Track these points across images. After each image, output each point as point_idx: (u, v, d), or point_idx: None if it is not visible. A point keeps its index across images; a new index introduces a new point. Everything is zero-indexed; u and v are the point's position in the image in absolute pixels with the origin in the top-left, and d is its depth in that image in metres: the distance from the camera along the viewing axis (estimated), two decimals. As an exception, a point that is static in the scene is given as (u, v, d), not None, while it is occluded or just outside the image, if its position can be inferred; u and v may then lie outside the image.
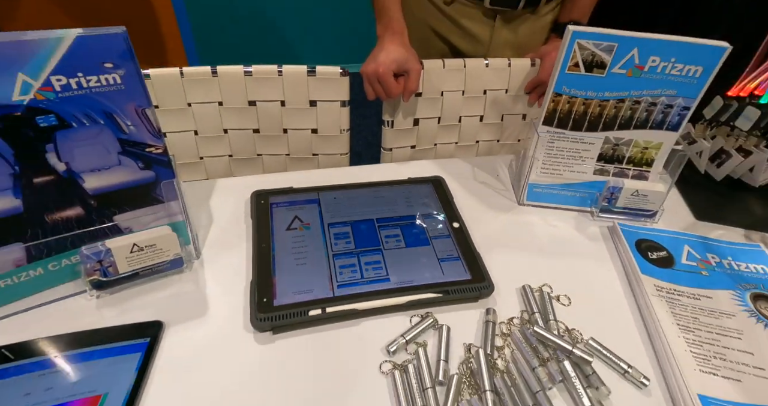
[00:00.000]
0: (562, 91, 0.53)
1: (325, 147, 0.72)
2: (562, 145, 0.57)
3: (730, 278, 0.47)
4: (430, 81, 0.70)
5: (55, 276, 0.42)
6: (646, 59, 0.50)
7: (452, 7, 0.76)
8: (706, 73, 0.50)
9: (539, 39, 0.79)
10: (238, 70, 0.61)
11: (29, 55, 0.31)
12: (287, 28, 2.09)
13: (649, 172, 0.57)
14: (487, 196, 0.60)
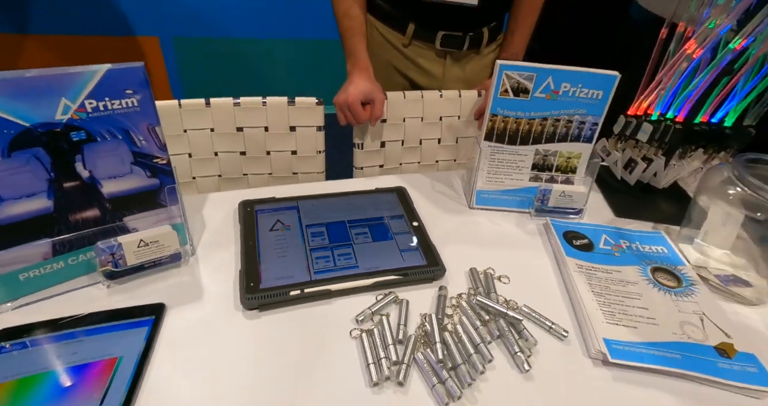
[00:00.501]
0: (497, 112, 0.65)
1: (304, 167, 0.82)
2: (501, 157, 0.69)
3: (637, 257, 0.58)
4: (393, 109, 0.82)
5: (73, 269, 0.49)
6: (560, 85, 0.63)
7: (410, 49, 0.90)
8: (606, 96, 0.64)
9: (484, 74, 0.94)
10: (228, 101, 0.72)
11: (71, 83, 0.40)
12: (266, 66, 2.25)
13: (574, 177, 0.69)
14: (443, 202, 0.70)
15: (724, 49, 0.64)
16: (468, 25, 0.86)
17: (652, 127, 0.68)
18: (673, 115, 0.69)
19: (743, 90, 0.66)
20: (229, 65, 2.16)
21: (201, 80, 2.16)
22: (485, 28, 0.87)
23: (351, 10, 0.81)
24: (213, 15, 1.99)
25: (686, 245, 0.59)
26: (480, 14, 0.84)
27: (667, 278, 0.54)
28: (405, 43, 0.89)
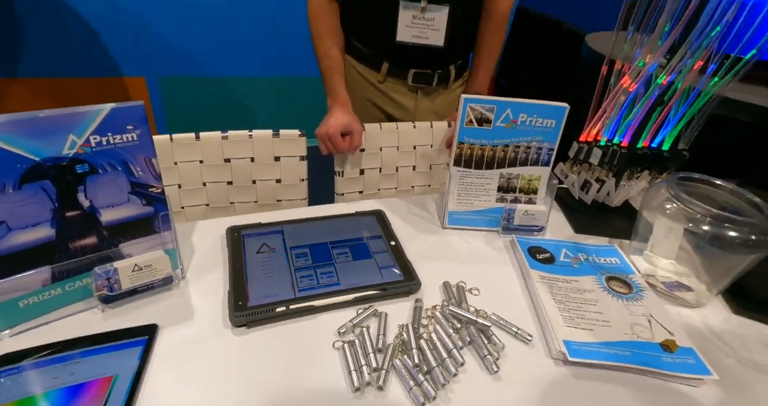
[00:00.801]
0: (464, 141, 0.73)
1: (288, 194, 0.87)
2: (470, 181, 0.75)
3: (593, 268, 0.64)
4: (371, 140, 0.89)
5: (70, 295, 0.51)
6: (517, 116, 0.71)
7: (384, 85, 0.99)
8: (558, 124, 0.72)
9: (452, 107, 1.02)
10: (217, 135, 0.78)
11: (79, 121, 0.45)
12: (250, 103, 2.33)
13: (536, 198, 0.76)
14: (419, 223, 0.76)
15: (654, 83, 0.73)
16: (436, 63, 0.95)
17: (601, 151, 0.76)
18: (619, 141, 0.78)
19: (675, 118, 0.75)
20: (214, 102, 2.24)
21: (186, 118, 2.22)
22: (452, 66, 0.97)
23: (330, 51, 0.90)
24: (198, 55, 2.08)
25: (636, 256, 0.66)
26: (446, 54, 0.93)
27: (620, 285, 0.60)
28: (380, 80, 0.97)
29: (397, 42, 0.89)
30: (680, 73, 0.72)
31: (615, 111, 0.77)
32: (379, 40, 0.92)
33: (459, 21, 0.89)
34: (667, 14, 0.69)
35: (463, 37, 0.95)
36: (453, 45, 0.91)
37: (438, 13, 0.87)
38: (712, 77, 0.72)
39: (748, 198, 0.57)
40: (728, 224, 0.53)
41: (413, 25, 0.88)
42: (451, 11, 0.87)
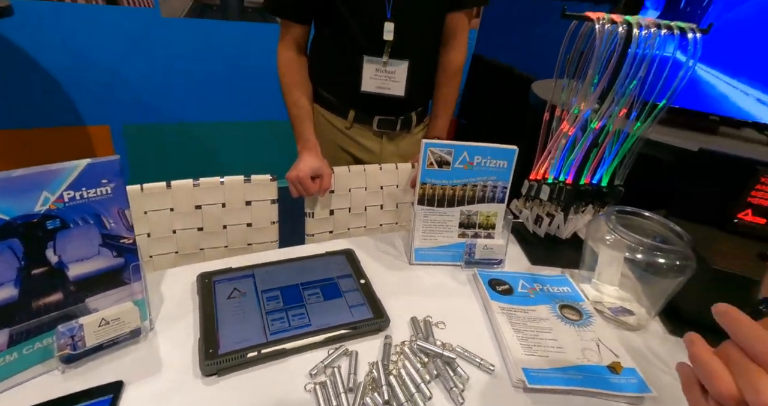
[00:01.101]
0: (426, 181, 0.78)
1: (258, 237, 0.89)
2: (433, 218, 0.80)
3: (548, 297, 0.69)
4: (340, 182, 0.94)
5: (27, 359, 0.49)
6: (473, 157, 0.78)
7: (351, 130, 1.05)
8: (510, 165, 0.79)
9: (415, 149, 1.10)
10: (188, 183, 0.80)
11: (53, 178, 0.47)
12: (217, 148, 2.33)
13: (494, 233, 0.82)
14: (387, 260, 0.79)
15: (589, 127, 0.83)
16: (398, 110, 1.03)
17: (549, 188, 0.84)
18: (564, 178, 0.86)
19: (609, 157, 0.85)
20: (180, 149, 2.23)
21: (151, 165, 2.19)
22: (413, 112, 1.05)
23: (299, 101, 0.96)
24: (163, 102, 2.09)
25: (585, 284, 0.72)
26: (407, 102, 1.02)
27: (572, 312, 0.65)
28: (347, 126, 1.04)
29: (362, 92, 0.97)
30: (610, 118, 0.83)
31: (558, 152, 0.86)
32: (346, 90, 0.99)
33: (417, 74, 0.98)
34: (594, 68, 0.80)
35: (422, 88, 1.04)
36: (413, 94, 1.00)
37: (398, 67, 0.96)
38: (635, 121, 0.82)
39: (672, 228, 0.65)
40: (658, 252, 0.60)
41: (376, 77, 0.97)
42: (410, 65, 0.96)
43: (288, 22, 0.94)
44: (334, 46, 0.96)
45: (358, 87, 0.96)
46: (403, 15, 0.90)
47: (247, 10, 1.99)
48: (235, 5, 1.97)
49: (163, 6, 1.87)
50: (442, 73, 1.03)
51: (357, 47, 0.94)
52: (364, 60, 0.94)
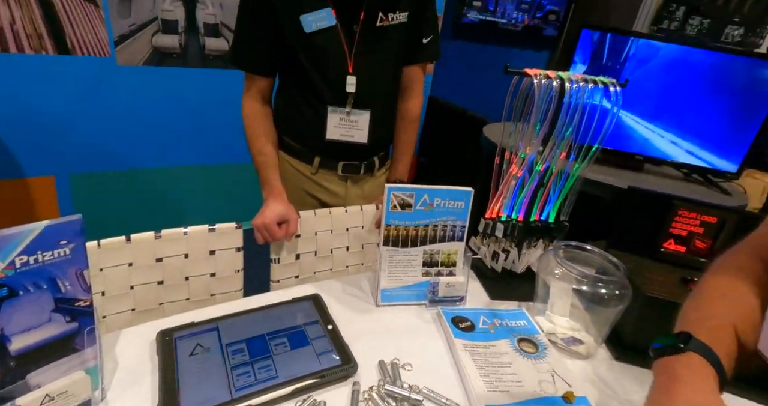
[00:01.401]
0: (390, 223, 0.82)
1: (222, 287, 0.88)
2: (398, 258, 0.83)
3: (507, 331, 0.72)
4: (306, 225, 0.95)
5: None
6: (433, 199, 0.83)
7: (317, 175, 1.08)
8: (466, 205, 0.84)
9: (379, 191, 1.14)
10: (149, 235, 0.79)
11: (5, 244, 0.45)
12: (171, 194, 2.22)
13: (456, 270, 0.85)
14: (354, 303, 0.80)
15: (535, 169, 0.91)
16: (362, 156, 1.09)
17: (503, 226, 0.90)
18: (516, 216, 0.93)
19: (554, 196, 0.93)
20: (132, 197, 2.11)
21: (101, 216, 2.05)
22: (376, 157, 1.11)
23: (264, 148, 0.99)
24: (115, 148, 1.98)
25: (540, 316, 0.76)
26: (370, 148, 1.07)
27: (528, 345, 0.69)
28: (312, 172, 1.07)
29: (327, 140, 1.01)
30: (552, 160, 0.91)
31: (509, 192, 0.93)
32: (311, 138, 1.03)
33: (379, 121, 1.04)
34: (535, 116, 0.89)
35: (383, 134, 1.10)
36: (375, 141, 1.06)
37: (361, 116, 1.02)
38: (574, 163, 0.91)
39: (610, 259, 0.72)
40: (600, 283, 0.66)
41: (340, 125, 1.02)
42: (371, 114, 1.02)
43: (253, 75, 0.98)
44: (299, 97, 1.01)
45: (323, 135, 1.01)
46: (364, 69, 0.97)
47: (209, 57, 2.04)
48: (196, 53, 2.01)
49: (120, 55, 1.87)
50: (401, 120, 1.10)
51: (321, 99, 0.99)
52: (329, 110, 0.99)
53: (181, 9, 1.89)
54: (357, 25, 0.94)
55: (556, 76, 0.85)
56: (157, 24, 1.87)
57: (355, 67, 0.97)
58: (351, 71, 0.97)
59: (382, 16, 0.95)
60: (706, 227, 0.77)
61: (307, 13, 0.90)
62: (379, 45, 0.97)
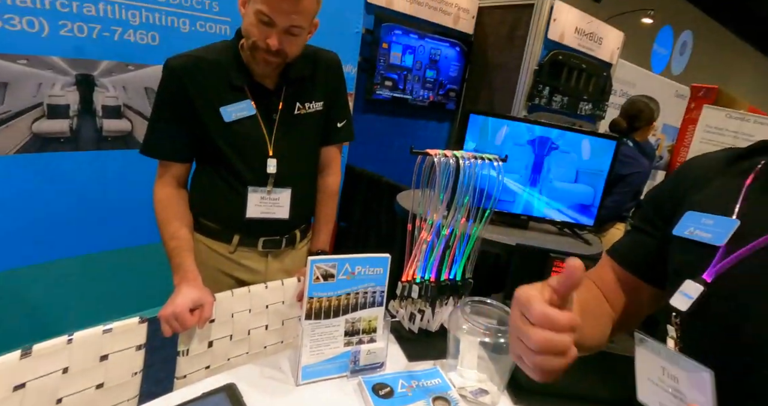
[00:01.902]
0: (313, 295, 0.82)
1: (112, 398, 0.73)
2: (320, 331, 0.83)
3: (423, 392, 0.75)
4: (222, 307, 0.91)
5: None
6: (354, 268, 0.86)
7: (235, 254, 1.06)
8: (384, 271, 0.88)
9: (301, 263, 1.15)
10: (13, 356, 0.61)
11: None
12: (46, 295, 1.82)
13: (376, 336, 0.87)
14: (273, 387, 0.76)
15: (441, 234, 1.01)
16: (283, 230, 1.10)
17: (417, 287, 0.96)
18: (429, 277, 1.00)
19: (459, 255, 1.03)
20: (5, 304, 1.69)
21: None
22: (297, 230, 1.13)
23: (178, 233, 0.95)
24: None
25: (452, 372, 0.80)
26: (291, 223, 1.09)
27: (442, 403, 0.71)
28: (231, 250, 1.05)
29: (247, 218, 1.02)
30: (455, 224, 1.02)
31: (421, 255, 1.01)
32: (230, 218, 1.03)
33: (299, 198, 1.08)
34: (438, 188, 1.01)
35: (304, 208, 1.14)
36: (296, 215, 1.09)
37: (282, 194, 1.05)
38: (473, 225, 1.03)
39: (506, 310, 0.80)
40: (499, 333, 0.73)
41: (261, 204, 1.04)
42: (292, 192, 1.06)
43: (168, 162, 0.98)
44: (218, 179, 1.02)
45: (242, 214, 1.01)
46: (284, 152, 1.03)
47: (107, 138, 1.80)
48: (91, 135, 1.77)
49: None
50: (321, 194, 1.16)
51: (241, 180, 1.01)
52: (249, 190, 1.01)
53: (75, 93, 1.70)
54: (276, 114, 1.01)
55: (452, 154, 1.00)
56: (42, 110, 1.65)
57: (275, 151, 1.02)
58: (271, 154, 1.01)
59: (299, 105, 1.04)
60: (579, 274, 0.91)
61: (226, 105, 0.95)
62: (297, 130, 1.05)
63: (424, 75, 2.82)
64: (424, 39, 2.72)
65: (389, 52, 2.61)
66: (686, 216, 0.58)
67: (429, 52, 2.77)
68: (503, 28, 2.85)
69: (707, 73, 8.59)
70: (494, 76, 2.92)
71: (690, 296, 0.52)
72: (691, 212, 0.58)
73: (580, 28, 2.92)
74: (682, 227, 0.57)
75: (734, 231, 0.52)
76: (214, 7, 1.76)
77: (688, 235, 0.56)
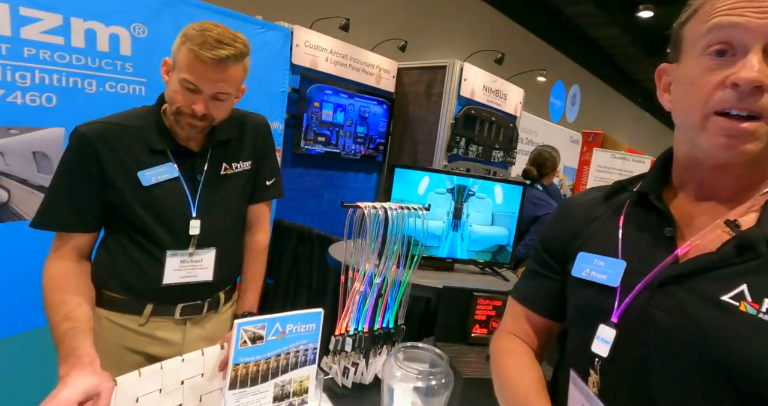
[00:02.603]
0: (239, 362, 0.78)
1: None
2: (246, 400, 0.78)
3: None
4: (124, 392, 0.75)
5: None
6: (285, 327, 0.84)
7: (147, 326, 0.97)
8: (317, 327, 0.87)
9: (225, 328, 1.07)
10: None
11: None
12: None
13: (308, 397, 0.85)
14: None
15: (374, 282, 1.04)
16: (206, 293, 1.04)
17: (351, 339, 0.97)
18: (362, 327, 1.01)
19: (391, 303, 1.06)
20: None
21: None
22: (221, 292, 1.08)
23: (75, 312, 0.83)
24: None
25: (391, 423, 0.80)
26: (215, 284, 1.04)
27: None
28: (141, 323, 0.96)
29: (163, 285, 0.95)
30: (386, 272, 1.06)
31: (355, 307, 1.02)
32: (142, 286, 0.95)
33: (225, 258, 1.04)
34: (369, 238, 1.05)
35: (230, 269, 1.09)
36: (221, 276, 1.04)
37: (206, 255, 1.01)
38: (404, 271, 1.08)
39: (436, 352, 0.84)
40: (431, 376, 0.76)
41: (182, 268, 0.98)
42: (217, 252, 1.02)
43: (68, 233, 0.90)
44: (130, 245, 0.96)
45: (158, 281, 0.95)
46: (209, 213, 1.00)
47: None
48: None
49: None
50: (249, 253, 1.13)
51: (158, 244, 0.95)
52: (168, 255, 0.96)
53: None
54: (201, 175, 0.99)
55: (380, 206, 1.06)
56: None
57: (199, 211, 0.99)
58: (195, 215, 0.98)
59: (225, 165, 1.03)
60: (496, 309, 1.00)
61: (145, 169, 0.93)
62: (223, 190, 1.03)
63: (355, 131, 3.03)
64: (353, 98, 2.93)
65: (321, 110, 2.77)
66: (579, 257, 0.62)
67: (359, 109, 3.00)
68: (421, 86, 3.17)
69: (595, 120, 10.15)
70: (416, 129, 3.20)
71: (607, 341, 0.55)
72: (582, 253, 0.62)
73: (487, 86, 3.35)
74: (579, 269, 0.61)
75: (624, 271, 0.56)
76: (127, 68, 1.71)
77: (586, 276, 0.60)
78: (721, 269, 0.50)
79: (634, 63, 10.49)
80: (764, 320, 0.46)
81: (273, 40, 2.27)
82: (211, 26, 0.87)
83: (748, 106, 0.47)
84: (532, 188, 2.53)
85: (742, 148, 0.48)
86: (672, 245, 0.55)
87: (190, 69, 0.86)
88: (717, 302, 0.49)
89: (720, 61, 0.49)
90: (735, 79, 0.47)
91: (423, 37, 5.99)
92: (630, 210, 0.61)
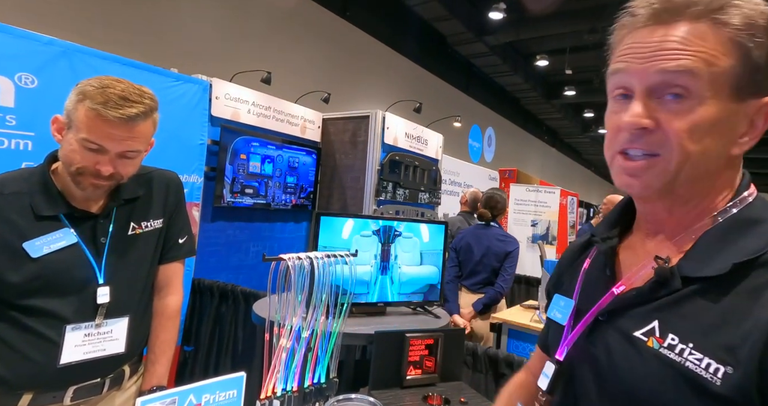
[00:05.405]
0: None
1: None
2: None
3: None
4: None
5: None
6: (201, 398, 0.76)
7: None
8: (239, 393, 0.81)
9: (128, 407, 0.96)
10: None
11: None
12: None
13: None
14: None
15: (302, 336, 1.01)
16: (109, 369, 0.93)
17: (278, 402, 0.91)
18: (291, 387, 0.96)
19: (322, 355, 1.03)
20: None
21: None
22: (126, 365, 0.96)
23: None
24: None
25: None
26: (123, 357, 0.93)
27: None
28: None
29: (60, 366, 0.83)
30: (315, 323, 1.04)
31: (282, 365, 0.97)
32: (24, 371, 0.83)
33: (137, 325, 0.95)
34: (295, 290, 1.03)
35: (141, 337, 1.00)
36: (132, 347, 0.94)
37: (116, 324, 0.91)
38: (334, 321, 1.06)
39: (371, 401, 0.83)
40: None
41: (85, 342, 0.87)
42: (130, 320, 0.93)
43: None
44: (10, 326, 0.83)
45: (51, 362, 0.83)
46: (118, 276, 0.92)
47: None
48: None
49: None
50: (159, 318, 1.04)
51: (55, 320, 0.85)
52: (67, 330, 0.85)
53: None
54: (105, 238, 0.92)
55: (305, 256, 1.05)
56: None
57: (107, 277, 0.91)
58: (103, 282, 0.90)
59: (134, 225, 0.97)
60: (429, 348, 1.01)
61: (32, 239, 0.83)
62: (133, 252, 0.96)
63: (285, 181, 3.01)
64: (282, 149, 2.94)
65: (248, 162, 2.72)
66: (554, 299, 0.66)
67: (287, 160, 3.01)
68: (346, 135, 3.30)
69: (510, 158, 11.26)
70: (344, 176, 3.28)
71: (547, 376, 0.58)
72: (556, 295, 0.65)
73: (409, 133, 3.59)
74: (550, 309, 0.65)
75: (572, 310, 0.59)
76: (9, 120, 1.56)
77: (552, 316, 0.64)
78: (640, 306, 0.51)
79: (536, 105, 12.16)
80: (663, 354, 0.47)
81: (189, 93, 2.25)
82: (112, 82, 0.83)
83: (639, 146, 0.49)
84: (492, 228, 2.74)
85: (642, 184, 0.50)
86: (611, 283, 0.56)
87: (92, 129, 0.81)
88: (630, 338, 0.50)
89: (622, 104, 0.51)
90: (619, 123, 0.50)
91: (345, 89, 6.34)
92: (596, 253, 0.63)
